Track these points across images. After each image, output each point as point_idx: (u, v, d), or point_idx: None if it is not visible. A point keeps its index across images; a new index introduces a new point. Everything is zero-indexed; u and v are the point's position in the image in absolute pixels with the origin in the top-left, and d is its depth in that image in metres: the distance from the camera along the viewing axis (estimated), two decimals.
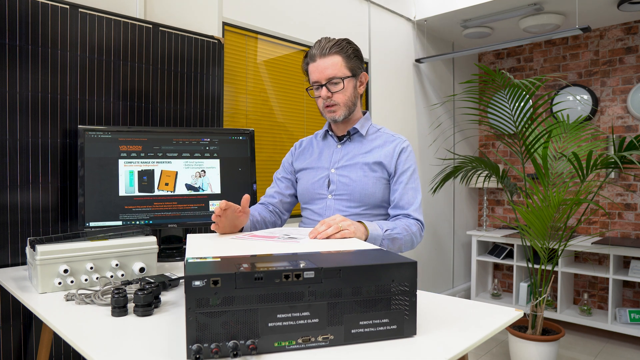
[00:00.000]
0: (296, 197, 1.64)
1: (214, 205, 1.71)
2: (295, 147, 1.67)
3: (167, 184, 1.66)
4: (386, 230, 1.32)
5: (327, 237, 1.15)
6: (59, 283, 1.16)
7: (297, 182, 1.62)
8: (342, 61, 1.43)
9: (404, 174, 1.46)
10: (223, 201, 1.20)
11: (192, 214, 1.68)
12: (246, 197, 1.25)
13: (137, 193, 1.61)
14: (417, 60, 3.60)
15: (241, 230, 1.35)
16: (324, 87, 1.44)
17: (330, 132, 1.57)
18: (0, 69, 1.47)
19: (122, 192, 1.60)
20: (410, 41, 3.55)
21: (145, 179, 1.63)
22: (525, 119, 2.74)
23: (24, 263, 1.52)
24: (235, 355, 0.70)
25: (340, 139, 1.55)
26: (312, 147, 1.61)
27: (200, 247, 1.02)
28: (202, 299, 0.70)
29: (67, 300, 1.08)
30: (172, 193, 1.66)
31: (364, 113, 1.56)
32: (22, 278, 1.33)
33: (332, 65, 1.42)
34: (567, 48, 3.81)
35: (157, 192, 1.64)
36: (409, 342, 0.79)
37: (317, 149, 1.59)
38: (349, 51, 1.45)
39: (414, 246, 1.43)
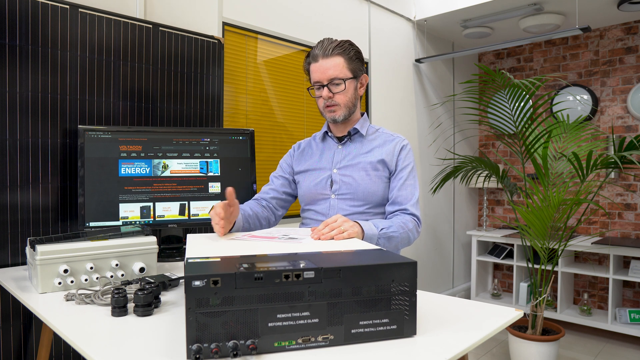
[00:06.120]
0: (292, 195, 1.66)
1: (213, 187, 1.72)
2: (294, 149, 1.68)
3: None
4: (382, 229, 1.33)
5: (331, 239, 1.16)
6: (59, 283, 1.16)
7: (296, 183, 1.63)
8: (344, 62, 1.44)
9: (403, 170, 1.48)
10: (221, 212, 1.21)
11: (192, 195, 1.69)
12: (230, 190, 1.25)
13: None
14: (417, 60, 3.60)
15: (234, 225, 1.36)
16: (325, 88, 1.45)
17: (329, 134, 1.58)
18: (0, 69, 1.47)
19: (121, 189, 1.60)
20: (410, 41, 3.55)
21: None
22: (525, 119, 2.74)
23: (24, 263, 1.52)
24: (235, 355, 0.70)
25: (340, 139, 1.56)
26: (312, 148, 1.62)
27: (200, 247, 1.02)
28: (202, 299, 0.70)
29: (67, 300, 1.08)
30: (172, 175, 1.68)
31: (362, 114, 1.58)
32: (22, 278, 1.33)
33: (334, 66, 1.43)
34: (567, 48, 3.81)
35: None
36: (409, 342, 0.79)
37: (317, 150, 1.60)
38: (351, 53, 1.46)
39: (410, 242, 1.44)
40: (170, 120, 1.92)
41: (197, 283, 0.70)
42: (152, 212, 1.64)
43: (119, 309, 0.96)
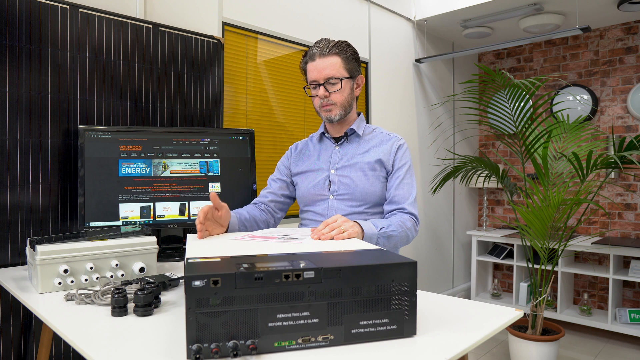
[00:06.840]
0: (290, 198, 1.66)
1: (213, 187, 1.73)
2: (291, 150, 1.68)
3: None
4: (381, 229, 1.34)
5: (331, 239, 1.16)
6: (59, 283, 1.16)
7: (295, 185, 1.64)
8: (340, 62, 1.45)
9: (400, 169, 1.49)
10: (200, 215, 1.23)
11: (192, 195, 1.69)
12: (213, 194, 1.27)
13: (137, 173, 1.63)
14: (417, 60, 3.60)
15: (227, 228, 1.37)
16: (321, 87, 1.46)
17: (326, 134, 1.59)
18: (0, 69, 1.47)
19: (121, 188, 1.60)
20: (410, 41, 3.55)
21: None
22: (525, 119, 2.74)
23: (24, 263, 1.52)
24: (235, 355, 0.70)
25: (337, 140, 1.57)
26: (309, 150, 1.63)
27: (200, 247, 1.02)
28: (202, 299, 0.70)
29: (67, 300, 1.08)
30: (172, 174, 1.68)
31: (358, 114, 1.58)
32: (22, 278, 1.33)
33: (331, 65, 1.44)
34: (567, 48, 3.81)
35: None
36: (409, 342, 0.79)
37: (314, 151, 1.61)
38: (348, 53, 1.47)
39: (409, 241, 1.45)
40: (170, 120, 1.92)
41: (197, 283, 0.70)
42: (152, 212, 1.64)
43: (119, 309, 0.96)
